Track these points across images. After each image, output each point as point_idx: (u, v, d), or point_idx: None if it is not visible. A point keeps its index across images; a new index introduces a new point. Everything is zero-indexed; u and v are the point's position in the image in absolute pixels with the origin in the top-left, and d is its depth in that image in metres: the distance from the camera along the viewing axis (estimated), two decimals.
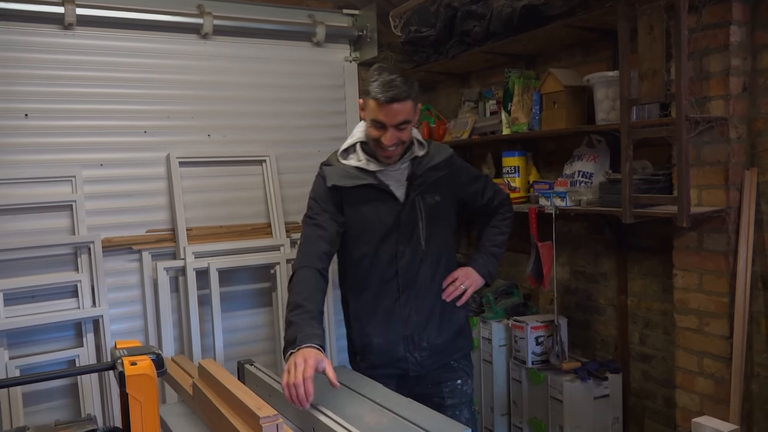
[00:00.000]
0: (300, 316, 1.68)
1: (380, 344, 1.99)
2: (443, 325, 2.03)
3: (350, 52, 3.70)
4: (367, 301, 2.01)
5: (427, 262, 2.00)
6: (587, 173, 2.66)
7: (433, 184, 2.01)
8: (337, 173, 1.97)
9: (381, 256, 1.97)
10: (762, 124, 2.22)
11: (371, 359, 2.02)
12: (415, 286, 1.99)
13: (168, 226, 3.18)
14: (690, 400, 2.38)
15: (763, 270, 2.25)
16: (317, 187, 2.02)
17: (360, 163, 1.97)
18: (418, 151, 2.02)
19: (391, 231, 1.96)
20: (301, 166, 3.53)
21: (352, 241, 2.00)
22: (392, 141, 1.88)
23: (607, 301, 2.86)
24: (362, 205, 1.96)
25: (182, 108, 3.24)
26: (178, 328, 3.16)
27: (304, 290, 1.78)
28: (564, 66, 2.89)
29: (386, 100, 1.83)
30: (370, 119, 1.88)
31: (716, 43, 2.21)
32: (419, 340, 1.99)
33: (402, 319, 1.98)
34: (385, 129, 1.86)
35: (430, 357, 2.02)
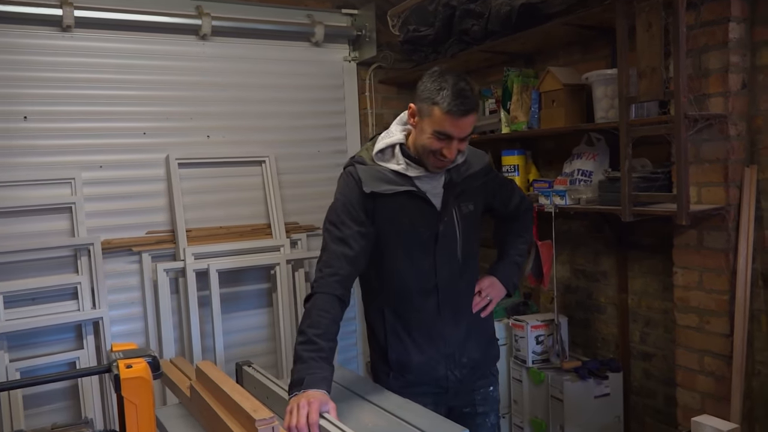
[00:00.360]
0: (311, 353, 1.57)
1: (421, 362, 1.85)
2: (479, 339, 1.94)
3: (349, 51, 3.70)
4: (407, 316, 1.85)
5: (464, 276, 1.89)
6: (587, 172, 2.65)
7: (470, 192, 1.90)
8: (373, 176, 1.78)
9: (419, 269, 1.82)
10: (761, 121, 2.21)
11: (408, 378, 1.86)
12: (453, 300, 1.87)
13: (168, 228, 3.18)
14: (691, 398, 2.37)
15: (763, 267, 2.24)
16: (347, 189, 1.80)
17: (399, 167, 1.79)
18: (459, 157, 1.83)
19: (429, 242, 1.82)
20: (301, 166, 3.54)
21: (388, 252, 1.83)
22: (455, 154, 1.74)
23: (607, 300, 2.85)
24: (399, 213, 1.80)
25: (181, 109, 3.23)
26: (179, 329, 3.16)
27: (319, 323, 1.63)
28: (563, 64, 2.88)
29: (461, 114, 1.66)
30: (434, 130, 1.70)
31: (715, 40, 2.20)
32: (460, 357, 1.88)
33: (443, 337, 1.86)
34: (450, 141, 1.71)
35: (469, 373, 1.92)
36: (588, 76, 2.52)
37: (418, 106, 1.75)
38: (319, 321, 1.64)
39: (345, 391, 1.79)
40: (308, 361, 1.57)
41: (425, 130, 1.73)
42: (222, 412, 1.43)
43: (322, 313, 1.66)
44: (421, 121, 1.74)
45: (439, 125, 1.69)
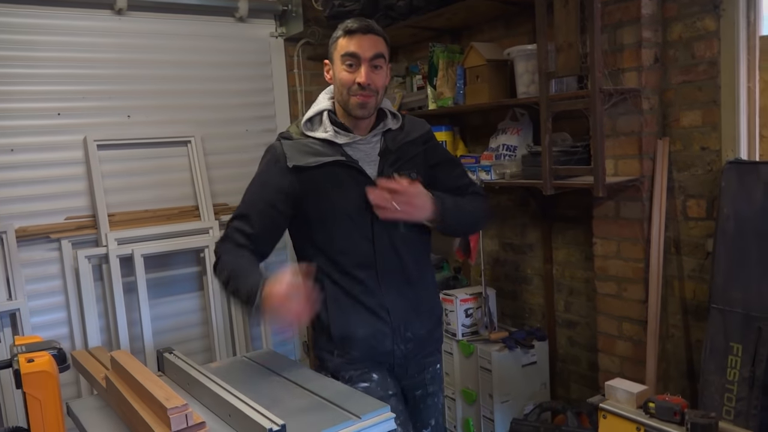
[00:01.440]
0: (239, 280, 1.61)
1: (367, 336, 1.78)
2: (426, 316, 1.87)
3: (276, 27, 3.60)
4: (349, 289, 1.78)
5: (406, 246, 1.79)
6: (511, 146, 2.69)
7: (410, 161, 1.80)
8: (299, 150, 1.73)
9: (356, 241, 1.75)
10: (672, 94, 2.29)
11: (353, 354, 1.79)
12: (397, 273, 1.79)
13: (88, 213, 3.05)
14: (611, 362, 2.48)
15: (675, 235, 2.34)
16: (266, 167, 1.77)
17: (327, 134, 1.73)
18: (392, 123, 1.81)
19: (364, 212, 1.72)
20: (229, 146, 3.45)
21: (323, 225, 1.77)
22: (367, 79, 1.66)
23: (533, 271, 2.92)
24: (329, 184, 1.73)
25: (99, 88, 3.08)
26: (105, 318, 3.06)
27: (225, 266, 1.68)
28: (488, 40, 2.90)
29: (359, 28, 1.67)
30: (341, 56, 1.68)
31: (629, 15, 2.26)
32: (404, 331, 1.81)
33: (387, 309, 1.78)
34: (359, 64, 1.67)
35: (414, 349, 1.84)
36: (509, 52, 2.55)
37: (329, 57, 1.76)
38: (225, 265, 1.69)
39: (269, 372, 1.77)
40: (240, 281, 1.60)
41: (337, 67, 1.71)
42: (136, 402, 1.39)
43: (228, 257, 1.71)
44: (333, 65, 1.74)
45: (344, 49, 1.68)
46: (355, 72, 1.68)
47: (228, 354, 3.24)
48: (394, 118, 1.82)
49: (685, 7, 2.22)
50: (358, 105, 1.70)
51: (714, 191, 2.19)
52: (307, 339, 3.68)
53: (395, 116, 1.83)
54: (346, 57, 1.68)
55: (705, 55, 2.18)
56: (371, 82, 1.68)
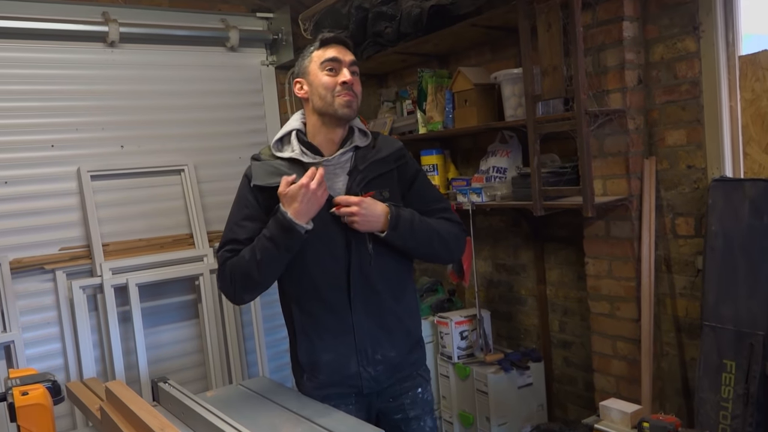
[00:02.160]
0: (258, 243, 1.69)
1: (330, 361, 1.77)
2: (397, 337, 1.82)
3: (267, 56, 3.66)
4: (314, 312, 1.77)
5: (377, 268, 1.77)
6: (501, 168, 2.72)
7: (379, 179, 1.78)
8: (265, 170, 1.75)
9: (326, 264, 1.74)
10: (657, 114, 2.33)
11: (320, 378, 1.79)
12: (366, 295, 1.76)
13: (83, 243, 3.06)
14: (606, 382, 2.48)
15: (665, 253, 2.36)
16: (240, 188, 1.83)
17: (293, 154, 1.75)
18: (360, 141, 1.81)
19: (334, 234, 1.73)
20: (222, 173, 3.47)
21: None
22: (351, 79, 1.72)
23: (527, 292, 2.94)
24: None
25: (92, 119, 3.12)
26: (100, 348, 3.05)
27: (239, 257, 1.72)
28: (475, 64, 2.95)
29: (335, 38, 1.76)
30: (321, 63, 1.73)
31: (611, 38, 2.31)
32: (373, 353, 1.78)
33: (354, 331, 1.76)
34: (340, 68, 1.73)
35: (384, 372, 1.80)
36: (496, 76, 2.59)
37: (301, 74, 1.80)
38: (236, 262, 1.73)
39: (264, 400, 1.77)
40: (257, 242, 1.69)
41: (317, 76, 1.75)
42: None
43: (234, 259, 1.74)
44: (309, 78, 1.77)
45: (323, 57, 1.75)
46: (337, 75, 1.73)
47: (224, 382, 3.23)
48: (363, 135, 1.83)
49: (666, 29, 2.27)
50: (345, 103, 1.73)
51: (701, 209, 2.22)
52: None
53: (364, 133, 1.84)
54: (327, 63, 1.74)
55: (687, 75, 2.23)
56: (353, 83, 1.74)
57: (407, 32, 2.87)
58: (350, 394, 1.81)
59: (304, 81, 1.79)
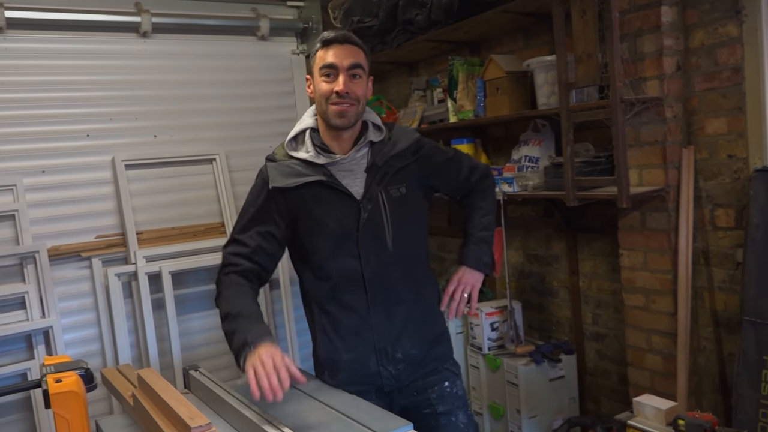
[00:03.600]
0: (238, 322, 1.58)
1: (350, 360, 1.76)
2: (419, 334, 1.80)
3: (297, 44, 3.66)
4: (334, 312, 1.76)
5: (396, 265, 1.75)
6: (533, 158, 2.67)
7: (398, 174, 1.76)
8: (281, 171, 1.72)
9: (343, 263, 1.73)
10: (696, 102, 2.25)
11: (340, 377, 1.77)
12: (385, 293, 1.74)
13: (118, 231, 3.12)
14: (641, 376, 2.43)
15: (704, 246, 2.30)
16: (253, 190, 1.79)
17: (308, 155, 1.71)
18: (374, 136, 1.77)
19: (351, 233, 1.71)
20: (253, 162, 3.46)
21: (310, 246, 1.76)
22: (345, 88, 1.65)
23: (559, 283, 2.89)
24: (312, 205, 1.71)
25: (126, 109, 3.16)
26: (134, 334, 3.11)
27: (227, 300, 1.66)
28: (507, 51, 2.89)
29: (336, 38, 1.69)
30: (319, 68, 1.69)
31: (648, 23, 2.24)
32: (393, 351, 1.76)
33: (373, 330, 1.74)
34: (337, 74, 1.67)
35: (405, 369, 1.78)
36: (529, 63, 2.54)
37: (309, 72, 1.76)
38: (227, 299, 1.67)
39: (293, 390, 1.78)
40: (237, 330, 1.57)
41: (316, 80, 1.71)
42: (161, 421, 1.41)
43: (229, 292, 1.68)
44: (313, 79, 1.74)
45: (322, 61, 1.69)
46: (333, 82, 1.67)
47: None
48: (377, 129, 1.79)
49: (707, 14, 2.19)
50: (336, 114, 1.68)
51: (742, 200, 2.14)
52: None
53: (378, 128, 1.79)
54: (324, 68, 1.68)
55: (728, 61, 2.15)
56: (349, 91, 1.67)
57: (438, 19, 2.83)
58: (370, 391, 1.78)
59: (310, 79, 1.76)
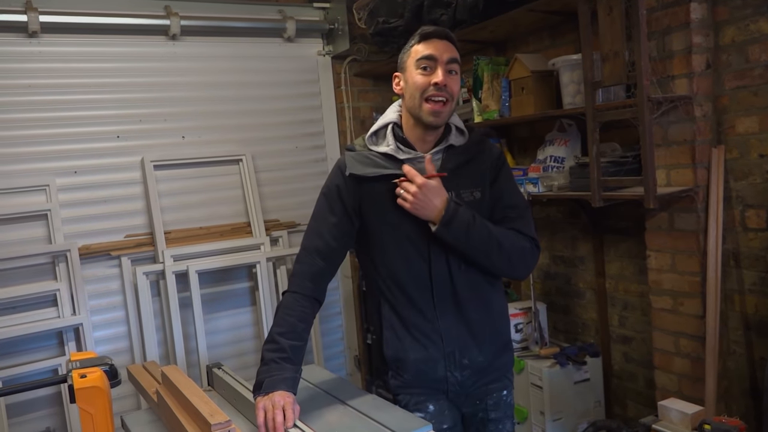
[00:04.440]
0: (272, 354, 1.58)
1: (418, 360, 1.71)
2: (486, 341, 1.75)
3: (323, 45, 3.67)
4: (404, 311, 1.71)
5: (464, 270, 1.70)
6: (559, 158, 2.65)
7: (471, 177, 1.72)
8: (359, 160, 1.69)
9: (412, 263, 1.68)
10: (727, 100, 2.20)
11: (405, 377, 1.73)
12: (453, 297, 1.70)
13: (146, 231, 3.18)
14: (668, 380, 2.39)
15: (734, 247, 2.24)
16: (331, 179, 1.75)
17: (389, 148, 1.68)
18: (456, 139, 1.73)
19: (421, 231, 1.66)
20: (279, 163, 3.53)
21: (379, 240, 1.71)
22: (445, 79, 1.61)
23: (585, 285, 2.85)
24: (387, 200, 1.67)
25: (155, 111, 3.22)
26: (162, 332, 3.17)
27: (283, 321, 1.62)
28: (533, 50, 2.87)
29: (435, 32, 1.64)
30: (416, 60, 1.64)
31: (677, 20, 2.20)
32: (460, 357, 1.72)
33: (441, 334, 1.70)
34: (435, 67, 1.62)
35: (471, 376, 1.74)
36: (554, 62, 2.51)
37: (400, 68, 1.71)
38: (283, 320, 1.63)
39: (315, 389, 1.79)
40: (269, 363, 1.56)
41: (411, 73, 1.66)
42: (183, 417, 1.43)
43: (287, 311, 1.64)
44: (405, 74, 1.69)
45: (419, 53, 1.64)
46: (431, 74, 1.63)
47: None
48: (459, 133, 1.74)
49: (738, 10, 2.14)
50: (431, 112, 1.63)
51: None
52: (359, 354, 3.70)
53: (461, 132, 1.75)
54: (422, 60, 1.64)
55: (760, 58, 2.09)
56: (447, 84, 1.63)
57: (463, 19, 2.82)
58: (434, 397, 1.74)
59: (401, 76, 1.71)
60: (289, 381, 1.54)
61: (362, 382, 3.57)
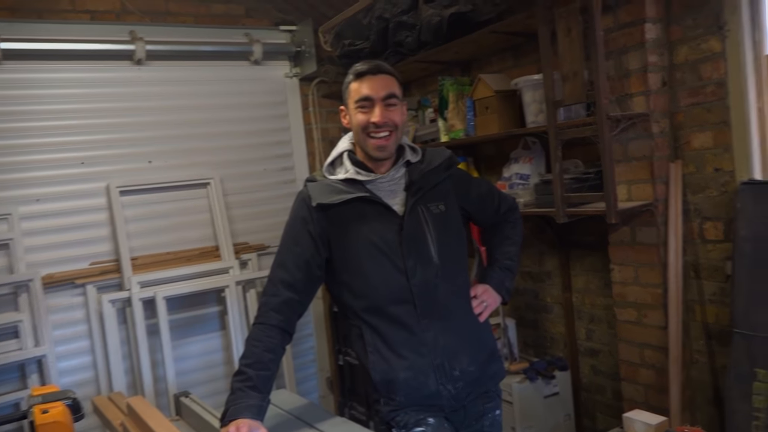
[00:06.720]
0: (239, 384, 1.57)
1: (408, 378, 1.68)
2: (474, 350, 1.76)
3: (290, 68, 3.70)
4: (385, 329, 1.70)
5: (444, 279, 1.73)
6: (524, 175, 2.69)
7: (435, 191, 1.77)
8: (323, 190, 1.72)
9: (390, 278, 1.69)
10: (682, 117, 2.27)
11: (397, 399, 1.69)
12: (435, 307, 1.71)
13: (112, 257, 3.13)
14: (635, 391, 2.43)
15: (694, 259, 2.30)
16: (295, 211, 1.77)
17: (348, 174, 1.72)
18: (411, 156, 1.78)
19: (395, 248, 1.69)
20: (248, 185, 3.52)
21: (354, 264, 1.72)
22: (382, 118, 1.66)
23: (553, 300, 2.89)
24: (356, 222, 1.70)
25: (121, 136, 3.20)
26: (129, 360, 3.11)
27: (250, 353, 1.62)
28: (497, 71, 2.92)
29: (368, 70, 1.69)
30: (355, 101, 1.69)
31: (633, 40, 2.26)
32: (450, 368, 1.71)
33: (428, 346, 1.69)
34: (373, 105, 1.67)
35: (464, 388, 1.73)
36: (517, 82, 2.56)
37: (344, 102, 1.76)
38: (250, 351, 1.63)
39: (285, 415, 1.78)
40: (236, 391, 1.56)
41: (352, 111, 1.71)
42: None
43: (254, 342, 1.64)
44: (348, 110, 1.74)
45: (357, 94, 1.69)
46: (370, 113, 1.68)
47: None
48: (413, 151, 1.80)
49: (690, 30, 2.21)
50: (376, 148, 1.69)
51: (730, 213, 2.15)
52: (331, 375, 3.68)
53: (414, 150, 1.81)
54: (359, 101, 1.69)
55: (712, 76, 2.17)
56: (387, 120, 1.67)
57: (428, 41, 2.87)
58: (431, 416, 1.71)
59: (346, 111, 1.76)
60: (253, 408, 1.53)
61: (335, 404, 3.55)
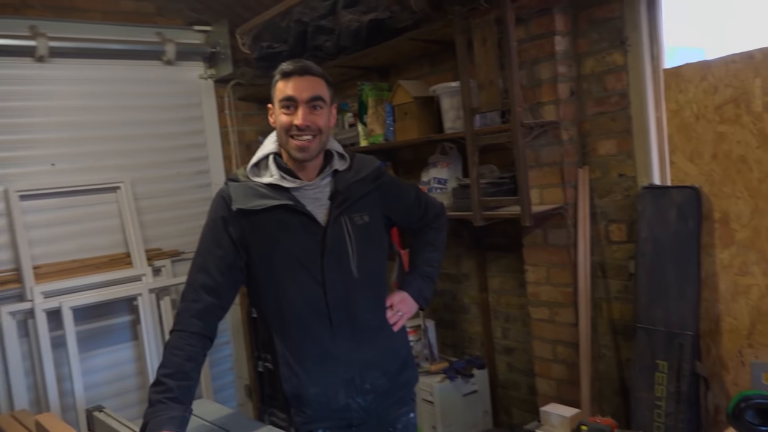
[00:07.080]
0: (158, 395, 1.49)
1: (317, 393, 1.66)
2: (388, 362, 1.74)
3: (205, 69, 3.61)
4: (298, 343, 1.67)
5: (361, 292, 1.69)
6: (442, 179, 2.76)
7: (360, 201, 1.72)
8: (245, 192, 1.64)
9: (307, 290, 1.65)
10: (589, 125, 2.41)
11: (308, 413, 1.68)
12: (351, 321, 1.68)
13: (12, 266, 2.93)
14: (548, 386, 2.54)
15: (601, 259, 2.44)
16: (214, 211, 1.68)
17: (273, 179, 1.65)
18: (339, 164, 1.73)
19: (315, 259, 1.64)
20: (160, 189, 3.40)
21: (271, 272, 1.67)
22: (305, 121, 1.60)
23: (470, 300, 2.98)
24: (276, 230, 1.64)
25: (21, 137, 3.01)
26: (32, 375, 2.92)
27: (169, 362, 1.54)
28: (415, 77, 2.98)
29: (295, 70, 1.61)
30: (279, 101, 1.62)
31: (544, 52, 2.38)
32: (361, 382, 1.69)
33: (340, 361, 1.67)
34: (296, 107, 1.61)
35: (374, 400, 1.71)
36: (435, 89, 2.63)
37: (271, 102, 1.69)
38: (169, 360, 1.55)
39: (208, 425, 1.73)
40: (156, 404, 1.48)
41: (277, 111, 1.65)
42: None
43: (173, 351, 1.56)
44: (274, 109, 1.67)
45: (281, 93, 1.62)
46: (293, 114, 1.61)
47: None
48: (341, 158, 1.75)
49: (596, 43, 2.35)
50: (297, 148, 1.63)
51: (632, 215, 2.31)
52: (250, 382, 3.61)
53: (343, 157, 1.76)
54: (283, 101, 1.62)
55: (615, 87, 2.32)
56: (310, 123, 1.61)
57: (347, 46, 2.89)
58: (338, 427, 1.70)
59: (272, 108, 1.69)
60: (175, 420, 1.46)
61: (254, 411, 3.49)
